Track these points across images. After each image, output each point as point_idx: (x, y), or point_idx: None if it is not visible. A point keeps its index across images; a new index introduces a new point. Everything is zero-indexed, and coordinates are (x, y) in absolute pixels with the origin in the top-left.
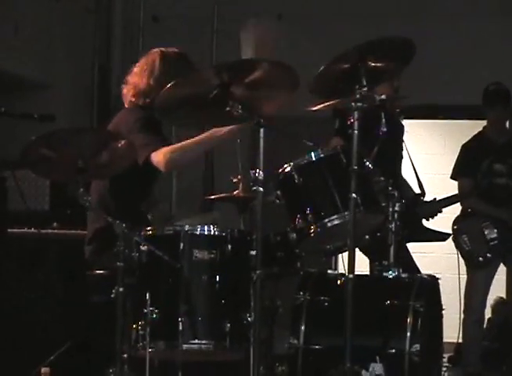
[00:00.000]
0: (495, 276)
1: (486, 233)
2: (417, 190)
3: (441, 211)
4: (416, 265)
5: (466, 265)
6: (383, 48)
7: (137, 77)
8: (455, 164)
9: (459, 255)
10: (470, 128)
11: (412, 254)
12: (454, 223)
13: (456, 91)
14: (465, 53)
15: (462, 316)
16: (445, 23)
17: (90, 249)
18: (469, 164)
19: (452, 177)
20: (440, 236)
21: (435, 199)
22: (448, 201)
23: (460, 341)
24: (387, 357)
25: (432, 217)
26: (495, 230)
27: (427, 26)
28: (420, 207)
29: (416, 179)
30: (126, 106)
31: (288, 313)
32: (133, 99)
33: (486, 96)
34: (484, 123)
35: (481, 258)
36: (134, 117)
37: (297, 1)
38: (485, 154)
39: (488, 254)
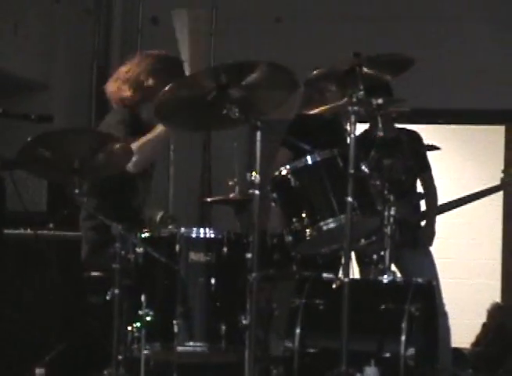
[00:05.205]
0: (491, 282)
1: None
2: None
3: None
4: None
5: (357, 262)
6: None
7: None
8: None
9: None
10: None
11: None
12: None
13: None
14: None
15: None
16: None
17: (86, 250)
18: None
19: None
20: None
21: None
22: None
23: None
24: (382, 361)
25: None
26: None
27: (426, 29)
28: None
29: None
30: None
31: (283, 316)
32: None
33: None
34: (477, 127)
35: (375, 256)
36: (116, 118)
37: (295, 4)
38: (373, 149)
39: (382, 252)
